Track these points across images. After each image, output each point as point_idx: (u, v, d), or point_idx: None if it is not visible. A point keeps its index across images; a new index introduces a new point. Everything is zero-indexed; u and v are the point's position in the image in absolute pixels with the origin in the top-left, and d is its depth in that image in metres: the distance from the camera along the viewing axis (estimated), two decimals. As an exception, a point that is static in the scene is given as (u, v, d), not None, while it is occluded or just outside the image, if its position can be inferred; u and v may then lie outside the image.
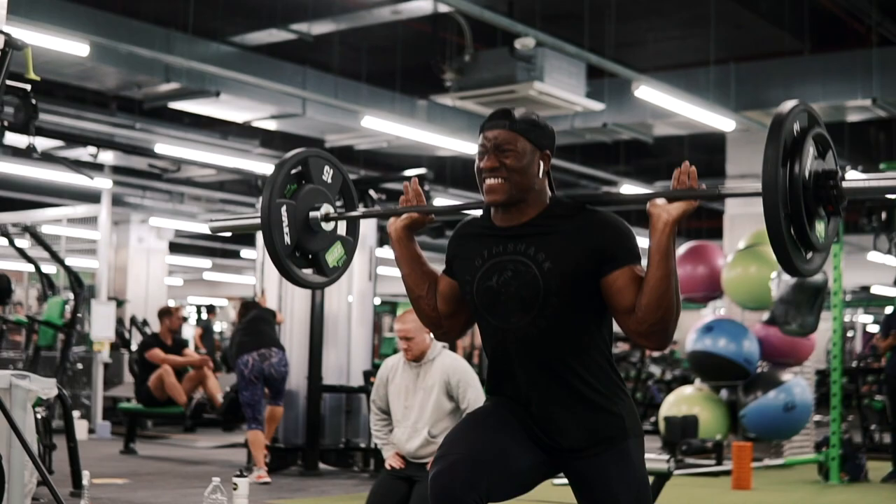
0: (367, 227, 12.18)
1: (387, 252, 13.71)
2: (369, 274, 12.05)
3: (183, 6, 11.73)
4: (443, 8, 10.81)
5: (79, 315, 14.24)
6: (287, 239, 3.68)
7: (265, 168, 14.98)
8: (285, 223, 3.66)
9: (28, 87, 7.63)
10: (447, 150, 15.64)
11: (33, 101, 8.35)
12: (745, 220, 14.50)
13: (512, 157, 3.29)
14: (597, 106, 12.71)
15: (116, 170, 17.83)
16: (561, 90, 11.73)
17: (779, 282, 11.52)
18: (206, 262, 32.14)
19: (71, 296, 14.24)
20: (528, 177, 3.31)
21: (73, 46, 10.09)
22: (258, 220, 3.71)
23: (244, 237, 26.08)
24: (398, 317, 6.54)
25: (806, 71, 13.43)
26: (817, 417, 15.16)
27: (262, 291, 11.49)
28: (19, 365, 13.87)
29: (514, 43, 10.98)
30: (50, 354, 14.23)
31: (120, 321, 17.74)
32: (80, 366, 15.40)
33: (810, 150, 3.03)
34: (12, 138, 10.95)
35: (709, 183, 3.29)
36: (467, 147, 14.70)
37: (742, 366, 12.24)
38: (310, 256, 3.80)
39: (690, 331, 12.87)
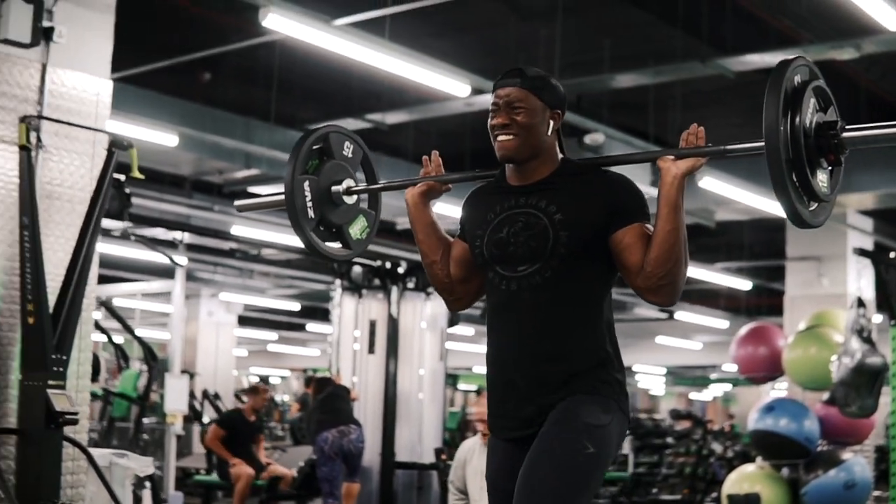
0: (439, 309, 12.63)
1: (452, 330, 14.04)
2: (440, 354, 12.48)
3: (264, 95, 12.27)
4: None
5: (152, 387, 14.64)
6: (311, 213, 3.74)
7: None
8: (308, 198, 3.74)
9: (122, 177, 8.19)
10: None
11: (127, 191, 8.91)
12: (805, 301, 14.79)
13: (523, 114, 3.35)
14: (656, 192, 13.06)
15: (190, 247, 18.40)
16: (626, 178, 12.12)
17: (839, 364, 11.76)
18: (272, 335, 32.66)
19: (144, 368, 14.64)
20: (539, 134, 3.37)
21: (164, 137, 10.65)
22: (283, 197, 3.78)
23: (311, 312, 26.60)
24: (477, 400, 6.95)
25: (857, 156, 13.72)
26: (877, 493, 15.30)
27: (337, 370, 11.90)
28: (93, 436, 14.29)
29: (585, 138, 11.41)
30: (123, 425, 14.60)
31: (191, 394, 18.19)
32: (146, 437, 15.77)
33: (811, 100, 3.10)
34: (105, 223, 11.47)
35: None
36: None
37: (803, 445, 12.43)
38: (334, 230, 3.86)
39: (752, 410, 13.10)
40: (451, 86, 9.35)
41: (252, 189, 14.37)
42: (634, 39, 11.79)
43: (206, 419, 17.79)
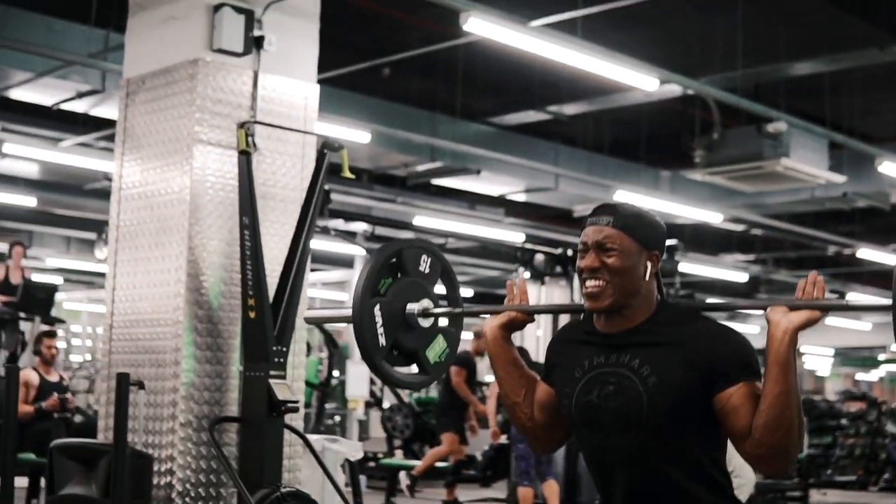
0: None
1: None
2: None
3: (447, 89, 12.60)
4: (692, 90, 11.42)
5: (332, 374, 15.07)
6: (382, 340, 3.47)
7: (515, 237, 15.77)
8: (379, 323, 3.47)
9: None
10: (686, 218, 16.20)
11: (326, 189, 9.30)
12: None
13: (615, 256, 2.98)
14: (839, 179, 13.12)
15: (371, 237, 18.85)
16: (805, 165, 12.19)
17: None
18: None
19: (325, 355, 15.09)
20: (633, 280, 3.00)
21: (357, 135, 11.05)
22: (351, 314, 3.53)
23: (482, 298, 26.97)
24: None
25: None
26: None
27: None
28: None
29: (767, 127, 11.50)
30: (305, 411, 15.07)
31: (371, 380, 18.68)
32: (328, 422, 16.19)
33: None
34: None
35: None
36: (710, 216, 15.25)
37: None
38: (410, 355, 3.60)
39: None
40: (641, 80, 9.55)
41: (436, 181, 14.76)
42: (811, 27, 11.83)
43: (385, 404, 18.23)
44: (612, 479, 3.04)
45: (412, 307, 3.52)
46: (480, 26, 8.08)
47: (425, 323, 3.54)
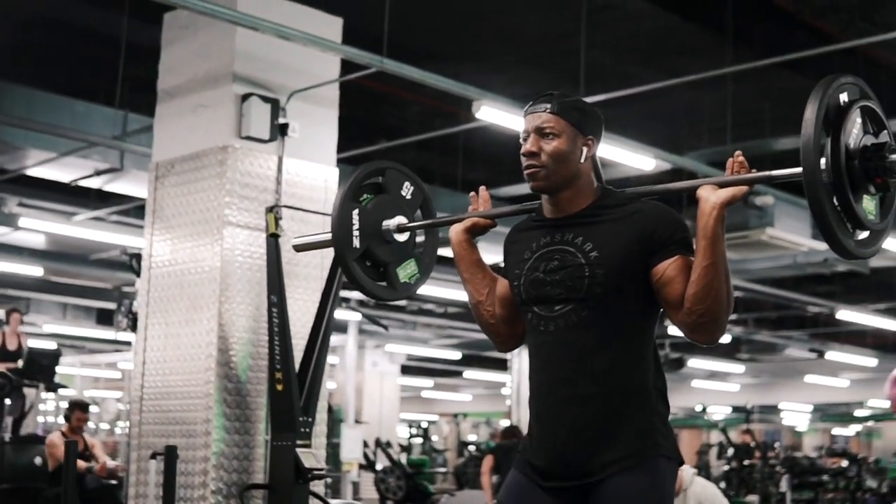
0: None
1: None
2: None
3: (448, 163, 13.06)
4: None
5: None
6: (356, 242, 3.59)
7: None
8: (356, 226, 3.59)
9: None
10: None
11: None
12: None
13: (553, 141, 3.14)
14: (821, 246, 13.62)
15: (362, 302, 19.28)
16: (789, 234, 12.70)
17: None
18: (428, 382, 33.57)
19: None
20: (570, 162, 3.15)
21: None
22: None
23: (469, 360, 27.43)
24: None
25: None
26: None
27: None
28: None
29: (755, 200, 12.02)
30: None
31: (364, 443, 19.02)
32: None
33: (856, 120, 2.89)
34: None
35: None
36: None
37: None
38: (381, 268, 3.71)
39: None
40: (638, 160, 10.05)
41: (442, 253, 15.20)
42: (795, 104, 12.36)
43: (378, 466, 18.59)
44: (556, 357, 3.15)
45: (389, 221, 3.69)
46: (493, 114, 8.56)
47: (400, 238, 3.72)
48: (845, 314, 19.65)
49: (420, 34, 9.13)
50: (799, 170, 2.84)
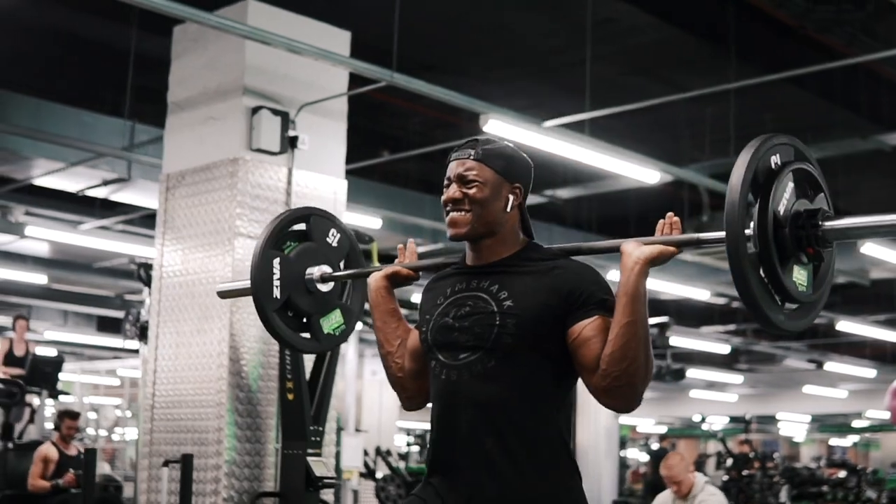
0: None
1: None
2: (615, 413, 13.26)
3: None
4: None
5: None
6: (277, 292, 3.50)
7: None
8: (276, 276, 3.50)
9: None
10: (670, 294, 16.86)
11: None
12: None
13: (475, 188, 3.00)
14: (822, 258, 13.75)
15: (365, 311, 19.35)
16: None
17: None
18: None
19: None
20: (493, 210, 3.00)
21: (370, 221, 11.65)
22: None
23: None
24: (664, 462, 7.80)
25: None
26: None
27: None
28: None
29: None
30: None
31: (365, 451, 19.07)
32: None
33: (788, 184, 2.71)
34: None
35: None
36: (698, 293, 15.91)
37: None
38: (304, 319, 3.62)
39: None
40: (643, 174, 10.16)
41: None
42: (797, 116, 12.51)
43: (378, 475, 18.67)
44: (457, 409, 2.96)
45: (312, 270, 3.58)
46: (499, 127, 8.67)
47: (324, 288, 3.60)
48: (845, 325, 19.77)
49: (422, 46, 9.24)
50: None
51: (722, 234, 2.66)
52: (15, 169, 11.76)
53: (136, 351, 15.07)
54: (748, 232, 2.64)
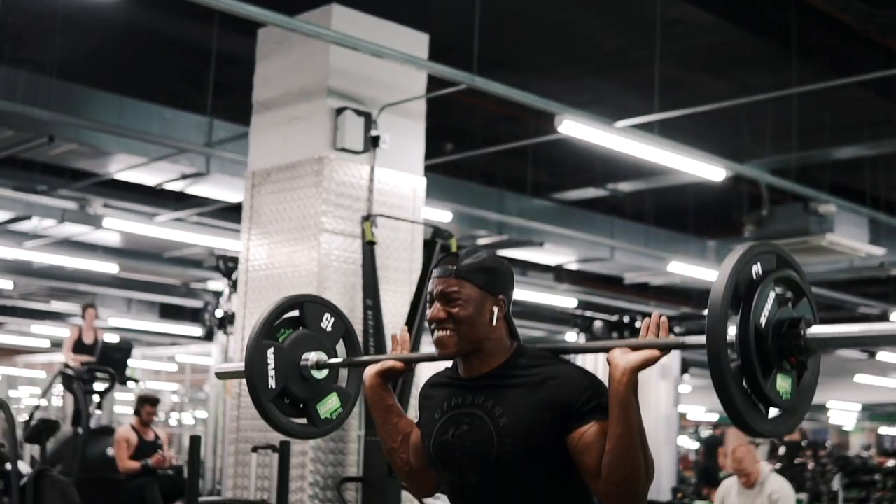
0: (672, 359, 13.70)
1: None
2: (674, 401, 13.55)
3: (517, 167, 13.51)
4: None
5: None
6: (272, 383, 3.47)
7: (567, 302, 16.66)
8: (271, 366, 3.48)
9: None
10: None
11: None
12: None
13: (459, 306, 2.99)
14: (879, 251, 13.98)
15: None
16: (848, 239, 13.04)
17: None
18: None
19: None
20: (479, 326, 3.00)
21: (441, 214, 11.97)
22: None
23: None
24: (732, 451, 8.09)
25: None
26: None
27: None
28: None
29: (818, 208, 12.39)
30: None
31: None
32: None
33: (769, 294, 2.69)
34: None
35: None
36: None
37: None
38: (301, 405, 3.59)
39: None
40: (710, 171, 10.43)
41: (502, 252, 15.70)
42: (855, 112, 12.73)
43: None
44: None
45: (307, 357, 3.56)
46: (573, 128, 8.97)
47: (319, 375, 3.57)
48: (897, 316, 19.94)
49: (487, 42, 9.49)
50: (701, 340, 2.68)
51: (703, 338, 2.64)
52: (96, 163, 12.14)
53: (204, 338, 15.51)
54: (730, 337, 2.63)
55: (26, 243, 15.90)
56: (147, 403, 11.06)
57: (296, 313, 3.58)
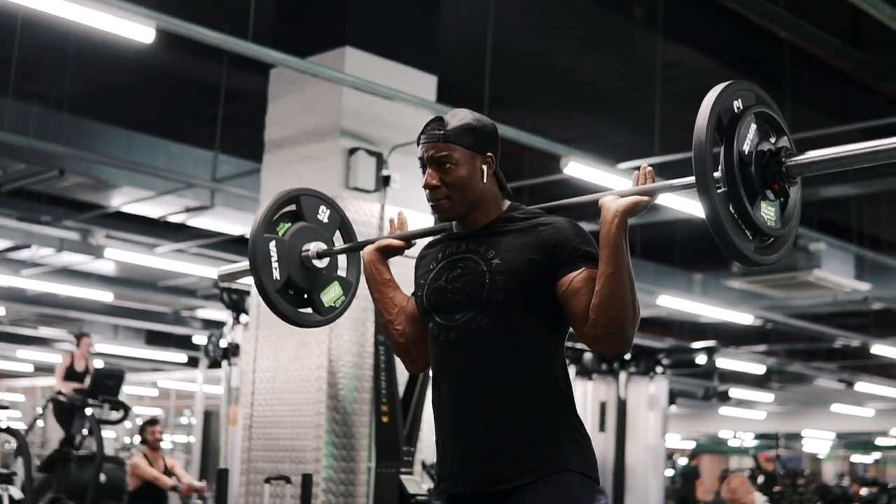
0: (659, 389, 13.97)
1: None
2: (661, 431, 13.81)
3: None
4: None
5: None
6: (276, 274, 3.57)
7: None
8: (274, 258, 3.57)
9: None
10: (710, 318, 17.42)
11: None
12: None
13: (452, 170, 3.11)
14: (864, 287, 14.31)
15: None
16: (835, 275, 13.35)
17: None
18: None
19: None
20: (472, 186, 3.13)
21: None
22: None
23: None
24: (727, 482, 8.36)
25: None
26: None
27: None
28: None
29: (808, 246, 12.69)
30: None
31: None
32: None
33: (751, 125, 2.80)
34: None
35: None
36: (741, 317, 16.47)
37: None
38: (305, 296, 3.69)
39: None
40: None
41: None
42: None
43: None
44: (456, 367, 3.10)
45: (307, 247, 3.65)
46: (578, 169, 9.24)
47: (320, 264, 3.67)
48: (880, 349, 20.22)
49: (491, 84, 9.72)
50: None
51: (692, 179, 2.74)
52: (102, 196, 12.33)
53: (187, 364, 15.60)
54: (717, 174, 2.73)
55: (23, 271, 16.04)
56: (149, 424, 11.14)
57: (293, 207, 3.70)
